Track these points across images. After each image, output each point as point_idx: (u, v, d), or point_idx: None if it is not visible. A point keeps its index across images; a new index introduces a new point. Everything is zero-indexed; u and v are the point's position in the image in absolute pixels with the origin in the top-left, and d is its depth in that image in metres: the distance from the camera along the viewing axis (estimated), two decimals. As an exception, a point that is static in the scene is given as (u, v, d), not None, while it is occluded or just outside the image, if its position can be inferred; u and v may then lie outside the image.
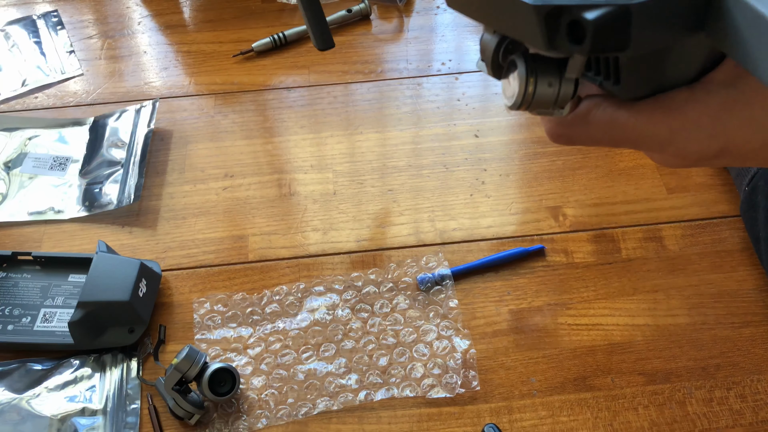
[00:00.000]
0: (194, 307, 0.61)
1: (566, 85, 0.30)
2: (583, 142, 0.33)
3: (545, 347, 0.58)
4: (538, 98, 0.30)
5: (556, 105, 0.31)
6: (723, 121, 0.30)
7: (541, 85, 0.30)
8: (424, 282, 0.62)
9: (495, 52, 0.32)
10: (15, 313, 0.61)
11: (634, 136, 0.31)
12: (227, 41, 0.86)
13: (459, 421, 0.54)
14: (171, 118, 0.77)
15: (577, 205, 0.68)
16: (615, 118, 0.31)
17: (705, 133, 0.30)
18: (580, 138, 0.33)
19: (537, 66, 0.30)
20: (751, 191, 0.61)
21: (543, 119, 0.34)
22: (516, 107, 0.31)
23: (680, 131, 0.30)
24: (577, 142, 0.33)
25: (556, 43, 0.26)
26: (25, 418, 0.54)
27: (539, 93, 0.30)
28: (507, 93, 0.32)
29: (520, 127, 0.75)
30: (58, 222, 0.68)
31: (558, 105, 0.31)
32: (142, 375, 0.57)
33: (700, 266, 0.62)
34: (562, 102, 0.30)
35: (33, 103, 0.80)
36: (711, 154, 0.31)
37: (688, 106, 0.30)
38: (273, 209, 0.69)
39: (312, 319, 0.60)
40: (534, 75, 0.30)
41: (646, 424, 0.53)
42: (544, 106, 0.31)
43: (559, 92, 0.30)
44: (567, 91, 0.30)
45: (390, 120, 0.76)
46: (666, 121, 0.30)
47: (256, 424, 0.54)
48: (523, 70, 0.29)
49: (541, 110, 0.31)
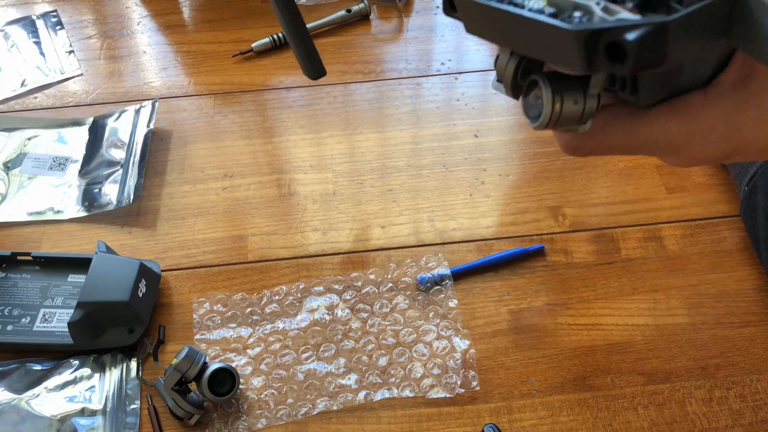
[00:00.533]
0: (194, 308, 0.61)
1: (590, 100, 0.30)
2: (601, 151, 0.33)
3: (545, 347, 0.58)
4: (565, 116, 0.30)
5: (581, 120, 0.31)
6: (735, 121, 0.30)
7: (567, 104, 0.30)
8: (424, 282, 0.62)
9: (514, 74, 0.32)
10: (14, 313, 0.61)
11: (651, 143, 0.32)
12: (227, 41, 0.86)
13: (459, 421, 0.54)
14: (170, 118, 0.77)
15: (577, 205, 0.68)
16: (632, 126, 0.31)
17: (719, 135, 0.30)
18: (597, 148, 0.33)
19: (561, 85, 0.29)
20: (750, 191, 0.61)
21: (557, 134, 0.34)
22: (543, 127, 0.30)
23: (696, 135, 0.31)
24: (594, 152, 0.33)
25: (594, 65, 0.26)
26: (24, 418, 0.54)
27: (565, 111, 0.30)
28: (530, 113, 0.31)
29: (520, 127, 0.75)
30: (57, 222, 0.68)
31: (582, 120, 0.31)
32: (141, 375, 0.57)
33: (700, 266, 0.62)
34: (586, 117, 0.31)
35: (32, 103, 0.80)
36: (725, 154, 0.31)
37: (703, 111, 0.30)
38: (272, 209, 0.68)
39: (312, 319, 0.60)
40: (560, 94, 0.29)
41: (646, 424, 0.53)
42: (570, 123, 0.31)
43: (584, 108, 0.30)
44: (591, 106, 0.30)
45: (389, 120, 0.76)
46: (682, 127, 0.31)
47: (256, 425, 0.54)
48: (549, 90, 0.29)
49: (566, 127, 0.31)
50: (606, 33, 0.25)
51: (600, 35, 0.25)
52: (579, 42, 0.25)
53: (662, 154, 0.33)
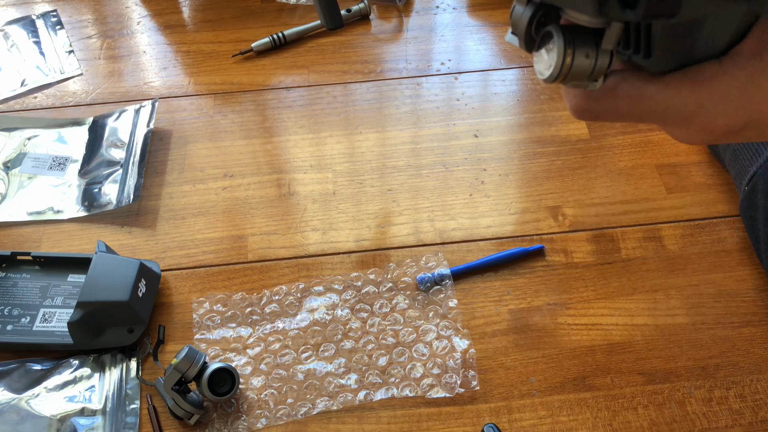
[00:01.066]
0: (193, 307, 0.61)
1: (602, 56, 0.30)
2: (609, 116, 0.33)
3: (545, 347, 0.58)
4: (575, 70, 0.30)
5: (592, 77, 0.30)
6: (750, 93, 0.30)
7: (579, 57, 0.29)
8: (424, 282, 0.62)
9: (528, 25, 0.31)
10: (14, 313, 0.61)
11: (661, 109, 0.31)
12: (226, 41, 0.86)
13: (458, 421, 0.54)
14: (170, 118, 0.77)
15: (577, 204, 0.68)
16: (643, 91, 0.31)
17: (732, 105, 0.30)
18: (606, 112, 0.32)
19: (574, 37, 0.29)
20: (750, 191, 0.61)
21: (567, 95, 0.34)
22: (552, 79, 0.30)
23: (708, 104, 0.30)
24: (602, 116, 0.33)
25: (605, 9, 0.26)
26: (24, 418, 0.54)
27: (576, 64, 0.29)
28: (541, 66, 0.31)
29: (520, 126, 0.75)
30: (57, 222, 0.68)
31: (593, 77, 0.30)
32: (141, 375, 0.57)
33: (700, 266, 0.62)
34: (597, 74, 0.30)
35: (32, 103, 0.80)
36: (737, 127, 0.31)
37: (716, 79, 0.30)
38: (272, 209, 0.68)
39: (311, 319, 0.60)
40: (572, 46, 0.29)
41: (646, 423, 0.53)
42: (580, 78, 0.30)
43: (596, 64, 0.30)
44: (603, 63, 0.30)
45: (389, 120, 0.76)
46: (694, 94, 0.30)
47: (256, 424, 0.54)
48: (561, 41, 0.29)
49: (576, 82, 0.31)
50: None
51: None
52: None
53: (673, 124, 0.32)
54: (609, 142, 0.73)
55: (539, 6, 0.31)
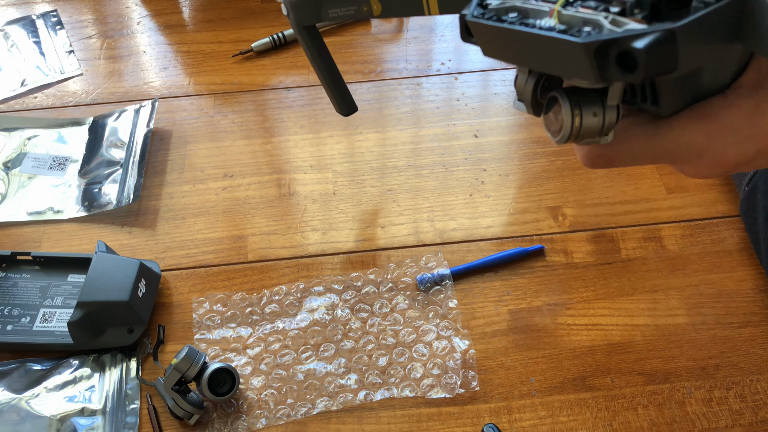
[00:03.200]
0: (193, 307, 0.61)
1: (609, 112, 0.31)
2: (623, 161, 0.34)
3: (545, 347, 0.58)
4: (585, 129, 0.31)
5: (602, 133, 0.31)
6: (756, 121, 0.30)
7: (587, 116, 0.30)
8: (424, 282, 0.62)
9: (533, 92, 0.32)
10: (14, 313, 0.61)
11: (672, 148, 0.32)
12: (226, 41, 0.86)
13: (458, 421, 0.54)
14: (170, 118, 0.77)
15: (577, 205, 0.68)
16: (653, 132, 0.32)
17: (741, 135, 0.31)
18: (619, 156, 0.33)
19: (579, 99, 0.30)
20: (750, 191, 0.61)
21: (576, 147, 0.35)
22: (564, 141, 0.31)
23: (717, 136, 0.31)
24: (616, 162, 0.34)
25: (606, 75, 0.27)
26: (24, 418, 0.54)
27: (585, 124, 0.31)
28: (551, 128, 0.32)
29: (520, 127, 0.75)
30: (57, 222, 0.68)
31: (603, 132, 0.31)
32: (141, 375, 0.57)
33: (700, 266, 0.62)
34: (607, 129, 0.31)
35: (32, 103, 0.80)
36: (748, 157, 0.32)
37: (722, 111, 0.31)
38: (272, 209, 0.68)
39: (311, 319, 0.60)
40: (578, 108, 0.30)
41: (646, 424, 0.53)
42: (591, 135, 0.31)
43: (604, 120, 0.31)
44: (611, 118, 0.31)
45: (389, 120, 0.76)
46: (703, 127, 0.31)
47: (256, 424, 0.54)
48: (568, 105, 0.30)
49: (587, 140, 0.32)
50: (615, 43, 0.26)
51: (609, 46, 0.26)
52: (589, 54, 0.26)
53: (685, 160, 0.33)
54: (609, 143, 0.73)
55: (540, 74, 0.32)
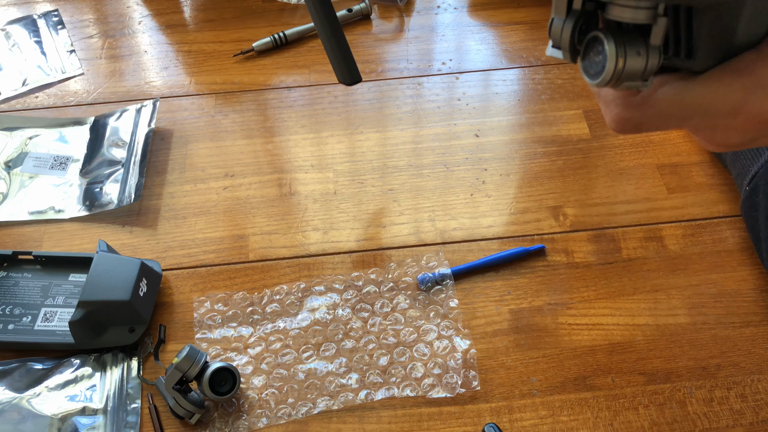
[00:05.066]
0: (194, 307, 0.61)
1: (653, 53, 0.30)
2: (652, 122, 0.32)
3: (545, 347, 0.58)
4: (629, 69, 0.30)
5: (644, 76, 0.31)
6: None
7: (630, 56, 0.30)
8: (425, 282, 0.62)
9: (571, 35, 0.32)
10: (15, 312, 0.61)
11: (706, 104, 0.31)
12: (228, 41, 0.86)
13: (459, 421, 0.54)
14: (171, 118, 0.77)
15: (578, 204, 0.68)
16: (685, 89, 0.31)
17: None
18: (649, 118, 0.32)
19: (624, 39, 0.30)
20: (751, 191, 0.61)
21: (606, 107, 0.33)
22: (605, 82, 0.31)
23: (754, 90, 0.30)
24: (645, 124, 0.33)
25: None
26: (25, 417, 0.54)
27: (629, 64, 0.30)
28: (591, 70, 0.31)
29: (521, 126, 0.75)
30: (58, 221, 0.68)
31: (644, 76, 0.31)
32: (142, 374, 0.57)
33: (701, 266, 0.62)
34: (649, 72, 0.31)
35: (33, 102, 0.80)
36: None
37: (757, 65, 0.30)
38: (273, 209, 0.69)
39: (312, 318, 0.60)
40: (623, 47, 0.30)
41: (647, 423, 0.53)
42: (632, 78, 0.31)
43: (647, 62, 0.30)
44: (654, 60, 0.30)
45: (390, 119, 0.76)
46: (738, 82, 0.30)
47: (257, 424, 0.54)
48: (612, 44, 0.30)
49: (629, 83, 0.31)
50: None
51: None
52: None
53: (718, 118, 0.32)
54: (610, 142, 0.73)
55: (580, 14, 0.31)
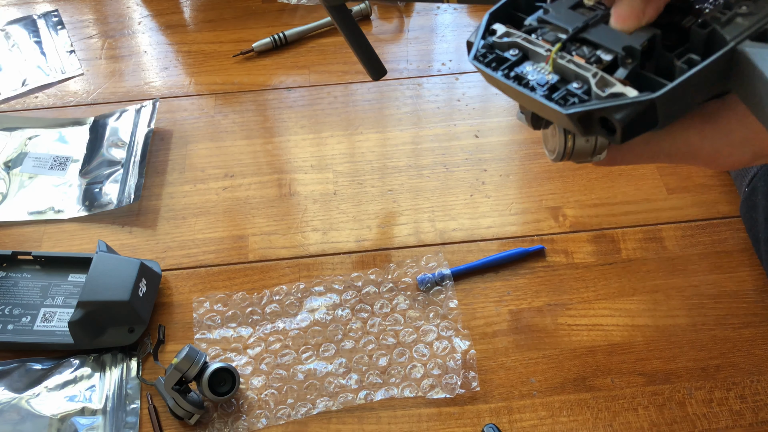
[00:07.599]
0: (194, 307, 0.61)
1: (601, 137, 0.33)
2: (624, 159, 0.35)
3: (545, 347, 0.58)
4: (578, 151, 0.33)
5: (594, 154, 0.34)
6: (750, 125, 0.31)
7: (579, 141, 0.33)
8: (424, 282, 0.62)
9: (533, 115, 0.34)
10: (15, 312, 0.61)
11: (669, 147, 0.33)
12: (227, 41, 0.86)
13: (459, 422, 0.54)
14: (171, 118, 0.77)
15: (577, 205, 0.68)
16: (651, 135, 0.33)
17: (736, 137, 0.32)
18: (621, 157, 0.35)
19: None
20: (750, 192, 0.61)
21: None
22: (558, 160, 0.34)
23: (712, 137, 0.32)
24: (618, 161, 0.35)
25: (591, 131, 0.30)
26: (24, 417, 0.54)
27: (578, 147, 0.33)
28: (548, 145, 0.35)
29: (521, 127, 0.75)
30: (58, 222, 0.68)
31: (595, 154, 0.34)
32: (141, 375, 0.57)
33: (700, 267, 0.62)
34: (599, 151, 0.33)
35: (33, 102, 0.80)
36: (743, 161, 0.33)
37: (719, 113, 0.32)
38: (273, 209, 0.69)
39: (312, 319, 0.60)
40: (572, 133, 0.33)
41: (646, 424, 0.53)
42: (583, 157, 0.34)
43: (596, 144, 0.33)
44: (603, 142, 0.33)
45: (390, 120, 0.76)
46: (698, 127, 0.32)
47: (256, 424, 0.54)
48: (561, 130, 0.33)
49: (581, 160, 0.34)
50: (597, 113, 0.29)
51: (592, 114, 0.29)
52: (574, 120, 0.29)
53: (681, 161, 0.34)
54: (610, 143, 0.73)
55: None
